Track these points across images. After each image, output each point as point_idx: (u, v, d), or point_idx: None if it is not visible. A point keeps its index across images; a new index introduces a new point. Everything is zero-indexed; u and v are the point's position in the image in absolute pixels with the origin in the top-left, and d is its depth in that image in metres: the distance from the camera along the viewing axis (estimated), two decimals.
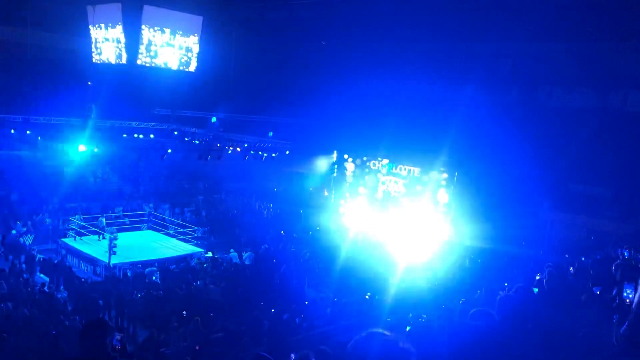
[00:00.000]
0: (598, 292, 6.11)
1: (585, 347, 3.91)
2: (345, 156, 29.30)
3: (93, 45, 23.52)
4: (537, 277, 9.90)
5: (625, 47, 26.81)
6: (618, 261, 6.72)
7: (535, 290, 7.16)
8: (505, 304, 4.10)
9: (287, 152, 30.66)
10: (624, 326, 3.47)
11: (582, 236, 23.96)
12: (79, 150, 24.08)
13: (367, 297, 16.56)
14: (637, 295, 3.59)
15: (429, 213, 25.60)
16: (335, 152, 29.78)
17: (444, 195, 25.25)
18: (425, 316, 11.91)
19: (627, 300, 3.97)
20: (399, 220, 26.09)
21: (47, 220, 24.24)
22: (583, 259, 13.07)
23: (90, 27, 23.62)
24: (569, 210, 25.20)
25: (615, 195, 25.11)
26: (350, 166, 28.93)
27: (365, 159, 28.06)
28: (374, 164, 27.75)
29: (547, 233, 25.74)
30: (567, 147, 29.05)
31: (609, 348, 3.72)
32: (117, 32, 22.67)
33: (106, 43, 23.26)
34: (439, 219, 25.36)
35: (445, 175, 25.15)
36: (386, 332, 2.45)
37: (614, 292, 4.99)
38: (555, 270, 7.31)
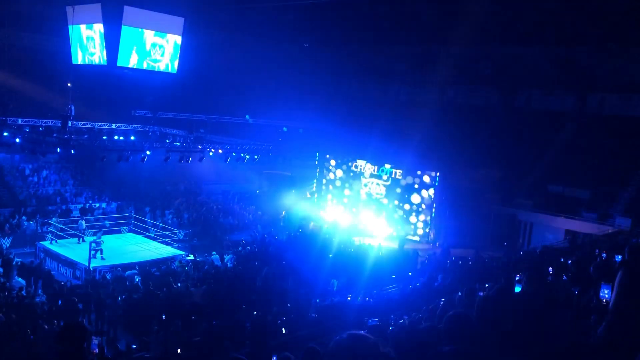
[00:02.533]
0: (577, 292, 6.18)
1: (564, 348, 3.95)
2: (328, 156, 29.31)
3: (72, 47, 23.23)
4: (517, 278, 10.01)
5: (602, 51, 27.26)
6: (596, 262, 6.82)
7: (518, 288, 7.23)
8: (484, 305, 4.12)
9: (270, 154, 30.61)
10: (602, 327, 3.52)
11: (560, 237, 24.28)
12: None
13: (348, 298, 16.57)
14: (613, 296, 3.64)
15: (409, 214, 25.74)
16: (317, 154, 29.80)
17: (426, 197, 25.41)
18: (407, 317, 11.96)
19: (604, 301, 4.03)
20: (381, 221, 26.20)
21: (25, 223, 23.89)
22: (562, 259, 13.24)
23: (69, 27, 23.33)
24: (547, 211, 25.53)
25: (593, 196, 25.49)
26: (332, 168, 28.98)
27: (350, 164, 28.11)
28: (357, 166, 27.83)
29: (527, 234, 26.08)
30: (546, 149, 29.43)
31: (587, 347, 3.77)
32: (97, 32, 22.42)
33: (86, 44, 23.00)
34: (420, 220, 25.52)
35: (427, 177, 25.30)
36: (367, 335, 2.45)
37: (591, 292, 5.05)
38: (535, 272, 7.40)
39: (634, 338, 2.79)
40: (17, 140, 23.21)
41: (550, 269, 10.69)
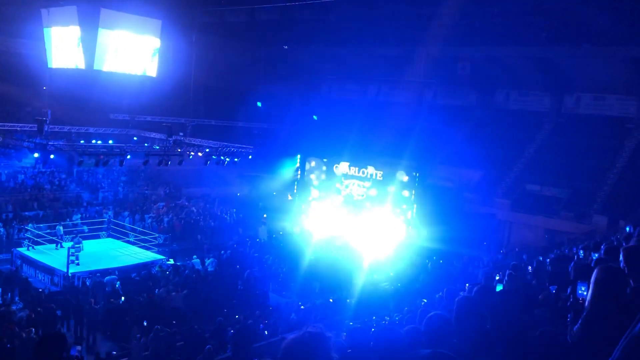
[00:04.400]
0: (554, 291, 6.26)
1: (541, 346, 4.00)
2: (309, 158, 29.27)
3: (48, 50, 22.94)
4: (497, 278, 10.11)
5: (577, 52, 27.71)
6: (574, 260, 6.91)
7: (499, 287, 7.31)
8: (463, 305, 4.16)
9: (250, 157, 30.48)
10: (578, 324, 3.57)
11: (539, 236, 24.59)
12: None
13: (330, 300, 16.61)
14: (589, 293, 3.70)
15: (390, 215, 25.84)
16: (298, 156, 29.77)
17: (406, 198, 25.53)
18: (388, 318, 12.02)
19: (581, 299, 4.09)
20: (362, 223, 26.25)
21: (1, 229, 23.48)
22: (540, 258, 13.40)
23: (45, 30, 23.05)
24: (526, 210, 25.83)
25: (570, 195, 25.86)
26: (313, 170, 28.97)
27: (331, 165, 28.08)
28: (337, 167, 27.87)
29: (506, 233, 26.34)
30: (524, 149, 29.82)
31: (564, 346, 3.82)
32: (74, 36, 22.18)
33: (62, 47, 22.73)
34: (400, 221, 25.63)
35: (406, 178, 25.43)
36: (324, 332, 2.43)
37: (569, 290, 5.12)
38: (515, 271, 7.48)
39: (608, 335, 2.84)
40: None
41: (529, 268, 10.82)
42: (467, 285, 12.39)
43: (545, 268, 9.33)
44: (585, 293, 3.97)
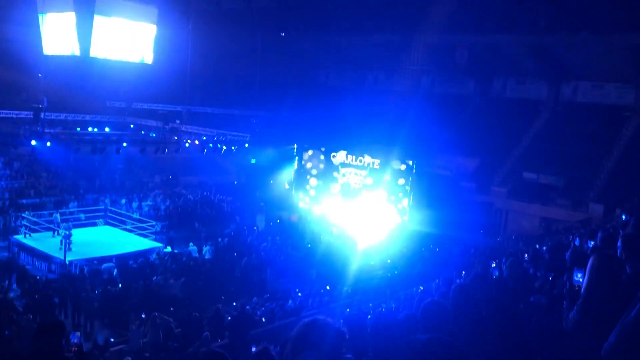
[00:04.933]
0: (551, 278, 6.30)
1: (537, 333, 4.03)
2: (306, 146, 29.22)
3: (43, 36, 22.78)
4: (493, 265, 10.15)
5: (575, 40, 27.60)
6: (570, 248, 6.95)
7: (497, 273, 7.34)
8: (459, 292, 4.18)
9: (247, 145, 30.45)
10: (573, 311, 3.60)
11: (535, 224, 24.66)
12: None
13: (327, 288, 16.67)
14: (585, 281, 3.72)
15: (387, 203, 25.89)
16: (295, 144, 29.72)
17: (402, 186, 25.55)
18: (384, 305, 12.08)
19: (577, 286, 4.11)
20: (359, 211, 26.30)
21: None
22: (537, 246, 13.46)
23: (39, 17, 22.87)
24: (523, 199, 25.89)
25: (567, 183, 25.92)
26: (310, 158, 28.94)
27: (328, 153, 28.04)
28: (334, 156, 27.84)
29: (502, 222, 26.42)
30: (521, 137, 29.81)
31: (560, 333, 3.85)
32: (69, 22, 22.01)
33: (57, 34, 22.56)
34: (397, 209, 25.69)
35: (403, 166, 25.43)
36: (328, 320, 2.56)
37: (565, 277, 5.15)
38: (514, 259, 7.51)
39: (603, 322, 2.86)
40: None
41: (526, 255, 10.86)
42: (463, 272, 12.46)
43: (542, 256, 9.38)
44: (581, 280, 3.99)
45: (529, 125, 30.34)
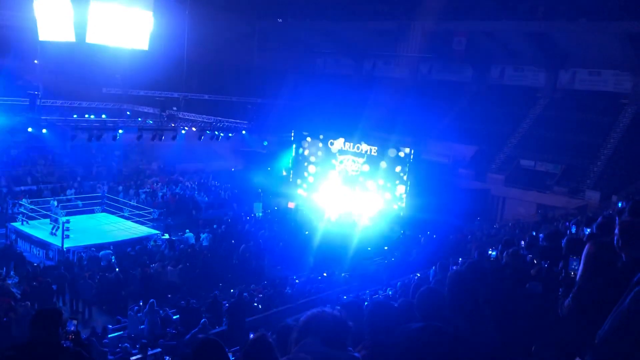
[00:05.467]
0: (546, 265, 6.32)
1: (533, 320, 4.06)
2: (305, 133, 29.13)
3: (38, 22, 22.58)
4: (491, 252, 10.19)
5: (573, 28, 27.52)
6: (567, 235, 6.97)
7: (494, 260, 7.37)
8: (456, 279, 4.20)
9: (244, 132, 30.38)
10: (568, 298, 3.62)
11: (532, 211, 24.73)
12: None
13: (324, 275, 16.73)
14: (580, 268, 3.74)
15: (384, 190, 25.91)
16: (293, 131, 29.66)
17: (400, 173, 25.55)
18: (381, 292, 12.14)
19: (572, 273, 4.13)
20: (356, 198, 26.33)
21: None
22: (534, 233, 13.50)
23: (34, 2, 22.65)
24: (519, 186, 25.95)
25: (564, 171, 25.97)
26: (308, 145, 28.89)
27: (326, 140, 27.99)
28: (332, 143, 27.81)
29: (499, 208, 26.49)
30: (518, 125, 29.82)
31: (555, 320, 3.88)
32: (65, 7, 21.80)
33: (53, 19, 22.36)
34: (395, 196, 25.71)
35: (401, 153, 25.42)
36: (334, 312, 2.59)
37: (560, 265, 5.18)
38: (516, 248, 7.51)
39: (598, 309, 2.88)
40: None
41: (522, 242, 10.90)
42: (460, 259, 12.51)
43: (538, 243, 9.41)
44: (576, 268, 4.01)
45: (526, 112, 30.35)
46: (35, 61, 28.86)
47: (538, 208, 24.74)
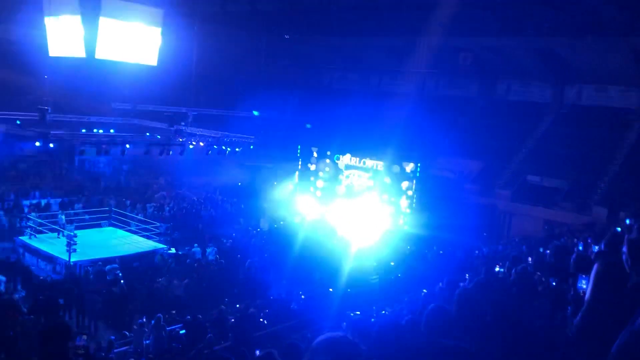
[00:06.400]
0: (555, 283, 6.31)
1: (541, 339, 4.05)
2: (313, 148, 29.20)
3: (49, 38, 22.86)
4: (497, 269, 10.18)
5: (579, 43, 27.57)
6: (574, 253, 6.95)
7: (501, 277, 7.35)
8: (463, 297, 4.19)
9: (251, 147, 30.50)
10: (578, 318, 3.61)
11: (539, 227, 24.61)
12: None
13: (330, 290, 16.68)
14: (589, 287, 3.73)
15: (390, 205, 25.87)
16: (299, 146, 29.75)
17: (406, 188, 25.53)
18: (389, 309, 12.09)
19: (581, 292, 4.13)
20: (362, 213, 26.30)
21: (3, 218, 23.55)
22: (541, 249, 13.46)
23: (45, 18, 22.95)
24: (526, 201, 25.84)
25: (571, 187, 25.87)
26: (314, 160, 28.95)
27: (332, 155, 28.08)
28: (338, 158, 27.86)
29: (506, 224, 26.38)
30: (524, 140, 29.79)
31: (564, 339, 3.86)
32: (75, 24, 22.08)
33: (63, 35, 22.65)
34: (401, 211, 25.66)
35: (407, 168, 25.42)
36: (346, 337, 2.55)
37: (569, 283, 5.17)
38: (525, 266, 7.50)
39: (607, 330, 2.88)
40: None
41: (529, 259, 10.88)
42: (467, 275, 12.47)
43: (545, 259, 9.38)
44: (585, 286, 4.00)
45: (532, 128, 30.31)
46: (45, 76, 29.17)
47: (545, 224, 24.61)
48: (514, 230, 25.79)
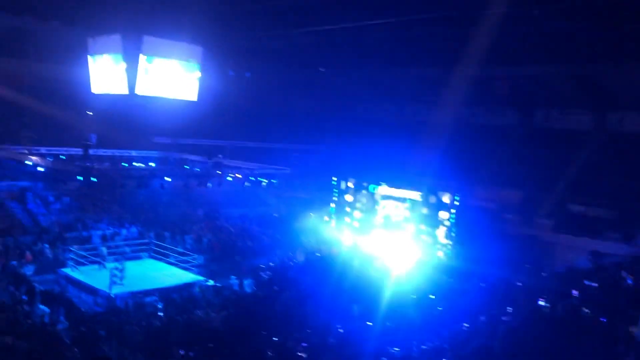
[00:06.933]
0: (605, 320, 6.08)
1: None
2: (347, 179, 29.24)
3: (92, 76, 23.73)
4: (541, 303, 9.85)
5: (620, 69, 27.06)
6: (624, 287, 6.71)
7: (546, 312, 7.12)
8: (508, 334, 4.07)
9: (287, 178, 30.72)
10: (631, 358, 3.46)
11: (584, 259, 23.85)
12: None
13: (369, 324, 16.42)
14: None
15: (428, 236, 25.53)
16: (335, 177, 29.81)
17: (444, 219, 25.18)
18: (429, 344, 11.82)
19: (633, 331, 3.96)
20: (399, 244, 26.02)
21: (47, 250, 24.16)
22: (587, 283, 13.01)
23: (89, 58, 23.86)
24: (570, 232, 25.15)
25: (616, 216, 25.09)
26: (350, 191, 28.93)
27: (365, 184, 28.04)
28: (374, 188, 27.76)
29: (548, 256, 25.68)
30: (566, 169, 29.15)
31: None
32: (118, 62, 22.86)
33: (106, 73, 23.47)
34: (439, 242, 25.29)
35: (445, 198, 25.11)
36: None
37: (618, 319, 4.98)
38: (571, 300, 7.26)
39: None
40: (41, 168, 23.63)
41: (576, 293, 10.51)
42: (509, 309, 12.12)
43: (593, 294, 9.05)
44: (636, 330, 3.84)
45: (574, 156, 29.66)
46: (89, 112, 30.26)
47: (590, 255, 23.85)
48: (557, 262, 25.03)
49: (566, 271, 21.68)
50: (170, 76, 23.21)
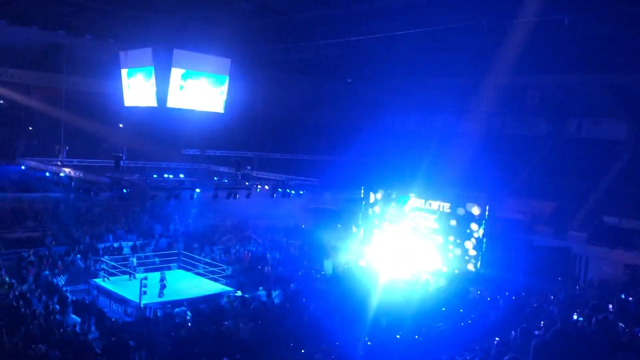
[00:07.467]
0: None
1: None
2: (375, 190, 29.10)
3: (124, 89, 24.16)
4: (575, 317, 9.59)
5: None
6: None
7: (580, 326, 6.90)
8: (540, 349, 3.96)
9: (315, 190, 30.68)
10: None
11: (619, 271, 23.25)
12: None
13: (398, 337, 16.23)
14: None
15: (459, 248, 25.19)
16: (363, 188, 29.70)
17: (475, 230, 24.82)
18: (460, 358, 11.61)
19: None
20: (429, 256, 25.72)
21: (79, 260, 24.58)
22: (622, 296, 12.64)
23: (122, 71, 24.29)
24: (604, 244, 24.54)
25: None
26: (378, 202, 28.78)
27: (393, 195, 27.86)
28: (402, 199, 27.55)
29: (582, 268, 25.11)
30: (599, 179, 28.55)
31: None
32: (148, 75, 23.21)
33: (137, 86, 23.84)
34: (470, 254, 24.91)
35: (475, 210, 24.76)
36: None
37: None
38: (606, 314, 7.04)
39: None
40: (73, 181, 24.09)
41: (610, 306, 10.22)
42: (542, 323, 11.84)
43: (629, 307, 8.77)
44: None
45: (607, 166, 29.05)
46: (120, 125, 30.82)
47: (626, 268, 23.22)
48: (590, 275, 24.46)
49: (600, 284, 21.18)
50: (199, 89, 23.46)
